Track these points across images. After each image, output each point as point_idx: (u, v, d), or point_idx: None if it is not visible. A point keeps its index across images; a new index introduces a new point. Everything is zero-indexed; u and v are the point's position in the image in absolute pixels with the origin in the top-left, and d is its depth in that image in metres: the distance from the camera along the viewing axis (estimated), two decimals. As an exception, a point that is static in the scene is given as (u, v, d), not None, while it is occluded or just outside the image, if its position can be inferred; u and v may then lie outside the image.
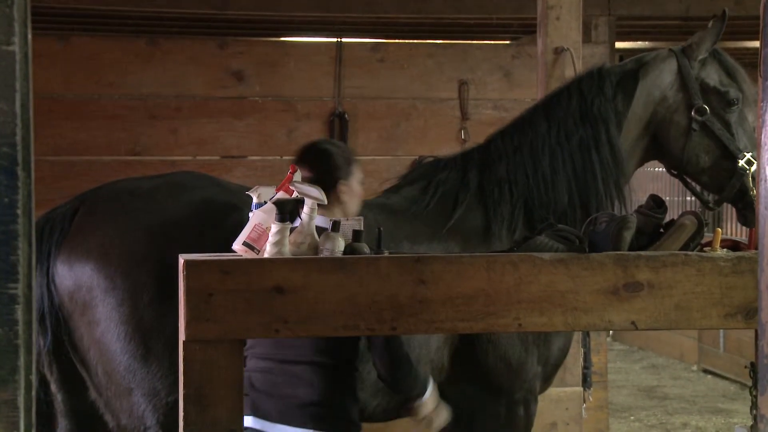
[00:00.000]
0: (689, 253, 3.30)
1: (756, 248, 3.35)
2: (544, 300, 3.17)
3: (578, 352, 5.40)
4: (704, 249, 3.40)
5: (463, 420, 4.44)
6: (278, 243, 3.17)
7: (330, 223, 3.39)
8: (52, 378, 4.10)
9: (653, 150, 4.63)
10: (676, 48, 4.60)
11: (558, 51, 5.78)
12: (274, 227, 3.18)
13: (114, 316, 3.93)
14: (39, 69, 5.78)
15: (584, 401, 5.63)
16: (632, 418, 8.84)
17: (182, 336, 3.02)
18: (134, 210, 4.06)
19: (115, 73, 6.72)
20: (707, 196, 4.72)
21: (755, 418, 3.39)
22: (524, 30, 8.42)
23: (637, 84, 4.54)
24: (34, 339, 1.96)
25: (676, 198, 11.58)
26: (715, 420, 8.79)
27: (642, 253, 3.27)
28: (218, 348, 3.02)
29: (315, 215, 3.28)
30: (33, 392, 1.95)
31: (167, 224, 3.98)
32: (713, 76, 4.55)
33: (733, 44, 9.33)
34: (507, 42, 8.76)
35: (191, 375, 3.01)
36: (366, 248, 3.27)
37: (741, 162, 4.45)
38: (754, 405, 3.52)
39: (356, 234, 3.30)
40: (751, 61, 7.79)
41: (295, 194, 3.32)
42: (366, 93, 7.06)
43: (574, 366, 5.78)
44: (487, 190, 4.45)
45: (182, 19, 8.26)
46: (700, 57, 4.54)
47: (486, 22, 8.30)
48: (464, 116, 7.21)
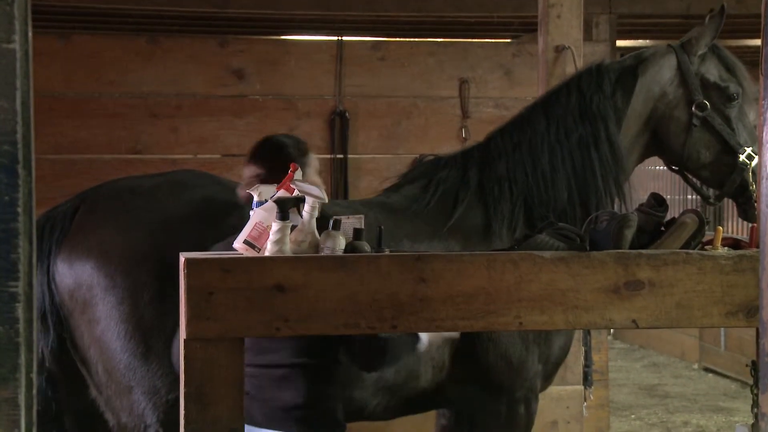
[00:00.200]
0: (690, 252, 3.30)
1: (757, 246, 3.35)
2: (545, 298, 3.16)
3: (579, 351, 5.40)
4: (705, 247, 3.39)
5: (464, 418, 4.44)
6: (279, 241, 3.17)
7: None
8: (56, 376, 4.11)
9: (653, 146, 4.62)
10: (675, 44, 4.59)
11: (559, 49, 5.78)
12: (275, 225, 3.18)
13: (114, 315, 3.93)
14: (40, 67, 5.79)
15: (585, 400, 5.63)
16: (633, 417, 8.84)
17: (183, 334, 3.02)
18: (135, 208, 4.06)
19: (116, 72, 6.72)
20: (707, 192, 4.72)
21: (756, 417, 3.39)
22: (525, 28, 8.43)
23: (637, 80, 4.53)
24: (35, 337, 1.96)
25: (677, 196, 11.59)
26: (716, 418, 8.79)
27: (643, 252, 3.27)
28: (219, 346, 3.02)
29: (316, 213, 3.28)
30: (34, 390, 1.95)
31: (168, 223, 3.98)
32: (713, 72, 4.54)
33: (734, 42, 9.33)
34: (508, 40, 8.76)
35: (192, 373, 3.01)
36: (367, 247, 3.27)
37: (741, 157, 4.45)
38: (755, 403, 3.51)
39: (357, 232, 3.29)
40: (752, 59, 7.78)
41: (296, 192, 3.32)
42: (367, 91, 7.06)
43: (575, 364, 5.78)
44: (487, 189, 4.44)
45: (183, 18, 8.27)
46: (700, 52, 4.54)
47: (487, 21, 8.30)
48: (465, 115, 7.20)
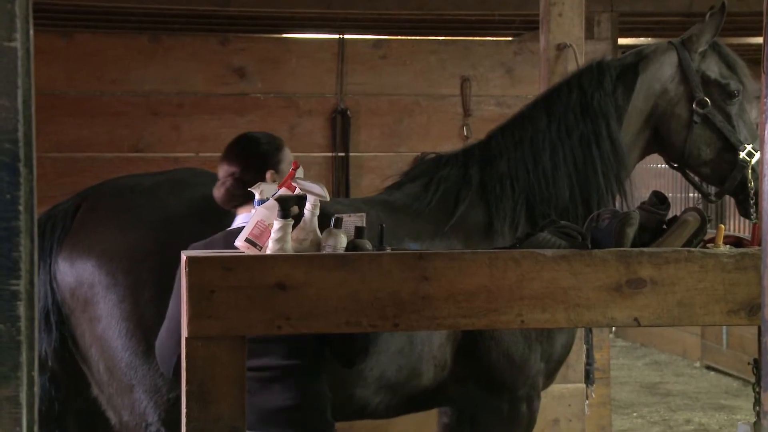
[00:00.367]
0: (692, 250, 3.29)
1: (759, 245, 3.35)
2: (547, 296, 3.16)
3: (581, 349, 5.39)
4: (707, 245, 3.39)
5: (466, 417, 4.44)
6: (280, 239, 3.17)
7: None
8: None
9: (654, 143, 4.62)
10: (676, 40, 4.59)
11: (560, 47, 5.77)
12: (277, 224, 3.18)
13: (115, 313, 3.93)
14: (41, 66, 5.78)
15: (587, 398, 5.61)
16: (635, 415, 8.84)
17: (184, 333, 3.02)
18: (136, 207, 4.05)
19: (118, 70, 6.71)
20: (708, 189, 4.72)
21: (758, 415, 3.39)
22: (526, 26, 8.43)
23: (637, 77, 4.53)
24: (37, 336, 1.95)
25: (679, 194, 11.59)
26: (718, 417, 8.79)
27: (645, 250, 3.27)
28: (220, 345, 3.01)
29: (317, 212, 3.28)
30: (35, 388, 1.95)
31: (169, 221, 3.98)
32: (714, 69, 4.54)
33: (736, 40, 9.33)
34: (509, 38, 8.76)
35: (194, 371, 3.00)
36: (368, 245, 3.26)
37: (742, 154, 4.45)
38: (757, 401, 3.51)
39: (358, 231, 3.29)
40: (754, 57, 7.78)
41: (298, 191, 3.32)
42: (368, 89, 7.05)
43: (577, 362, 5.78)
44: (489, 187, 4.44)
45: (184, 16, 8.27)
46: (700, 49, 4.53)
47: (488, 19, 8.31)
48: (466, 113, 7.19)
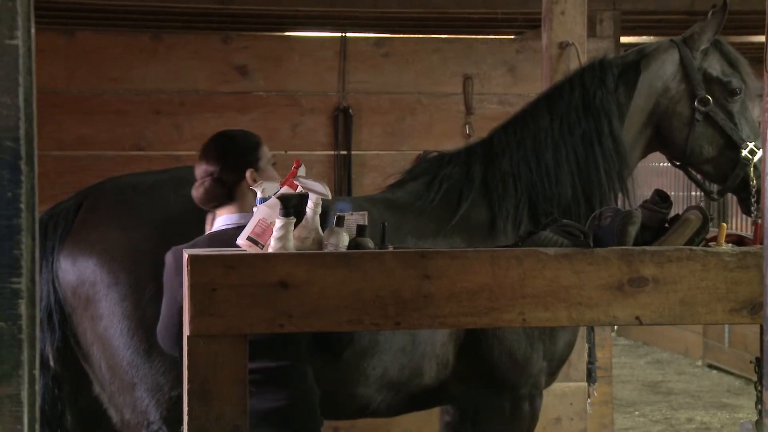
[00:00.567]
0: (694, 248, 3.29)
1: (761, 243, 3.35)
2: (549, 295, 3.16)
3: (582, 347, 5.39)
4: (709, 244, 3.38)
5: (468, 415, 4.44)
6: (282, 238, 3.16)
7: (244, 219, 3.43)
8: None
9: (656, 141, 4.62)
10: (678, 39, 4.58)
11: (563, 46, 5.77)
12: (278, 222, 3.18)
13: (117, 311, 3.93)
14: (43, 64, 5.77)
15: (589, 396, 5.61)
16: (637, 413, 8.84)
17: (186, 331, 3.02)
18: (137, 205, 4.05)
19: (119, 68, 6.71)
20: (710, 187, 4.72)
21: (760, 413, 3.38)
22: (529, 24, 8.42)
23: (639, 75, 4.52)
24: (38, 334, 1.95)
25: (681, 193, 11.57)
26: (720, 415, 8.78)
27: (647, 248, 3.26)
28: (222, 343, 3.01)
29: (319, 210, 3.27)
30: (37, 387, 1.95)
31: (170, 219, 3.97)
32: (715, 66, 4.54)
33: (738, 39, 9.32)
34: (511, 37, 8.76)
35: (195, 370, 3.00)
36: (370, 243, 3.26)
37: (744, 152, 4.44)
38: (759, 400, 3.51)
39: (360, 229, 3.29)
40: (756, 56, 7.77)
41: (300, 189, 3.32)
42: (370, 88, 7.04)
43: (579, 361, 5.78)
44: (492, 185, 4.43)
45: (186, 14, 8.27)
46: (702, 47, 4.53)
47: (490, 17, 8.29)
48: (469, 111, 7.19)
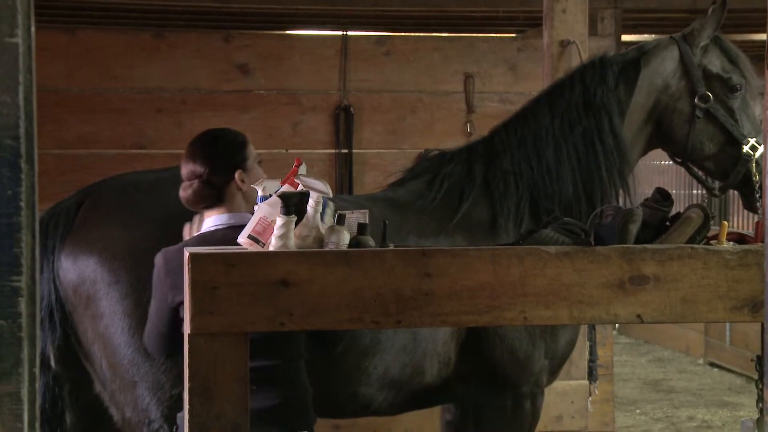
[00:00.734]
0: (695, 246, 3.29)
1: (762, 241, 3.34)
2: (550, 293, 3.16)
3: (584, 345, 5.39)
4: (710, 242, 3.38)
5: (470, 414, 4.44)
6: (283, 236, 3.16)
7: (234, 219, 3.47)
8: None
9: (657, 138, 4.61)
10: (678, 35, 4.58)
11: (564, 44, 5.76)
12: (279, 220, 3.18)
13: (118, 310, 3.93)
14: (44, 62, 5.78)
15: (590, 394, 5.62)
16: (638, 412, 8.83)
17: (187, 329, 3.02)
18: (138, 204, 4.05)
19: (121, 67, 6.71)
20: (712, 183, 4.71)
21: (761, 411, 3.38)
22: (530, 23, 8.42)
23: (639, 72, 4.52)
24: (38, 332, 1.95)
25: (683, 191, 11.58)
26: (721, 413, 8.78)
27: (648, 246, 3.26)
28: (223, 341, 3.01)
29: (320, 208, 3.27)
30: (37, 385, 1.95)
31: (171, 217, 3.97)
32: (715, 63, 4.53)
33: (740, 37, 9.31)
34: (513, 35, 8.75)
35: (196, 368, 3.00)
36: (371, 241, 3.26)
37: (745, 148, 4.44)
38: (760, 398, 3.51)
39: (361, 227, 3.28)
40: (757, 54, 7.77)
41: (300, 187, 3.32)
42: (371, 86, 7.04)
43: (580, 359, 5.77)
44: (493, 183, 4.43)
45: (187, 13, 8.27)
46: (702, 44, 4.52)
47: (492, 15, 8.29)
48: (470, 109, 7.18)
